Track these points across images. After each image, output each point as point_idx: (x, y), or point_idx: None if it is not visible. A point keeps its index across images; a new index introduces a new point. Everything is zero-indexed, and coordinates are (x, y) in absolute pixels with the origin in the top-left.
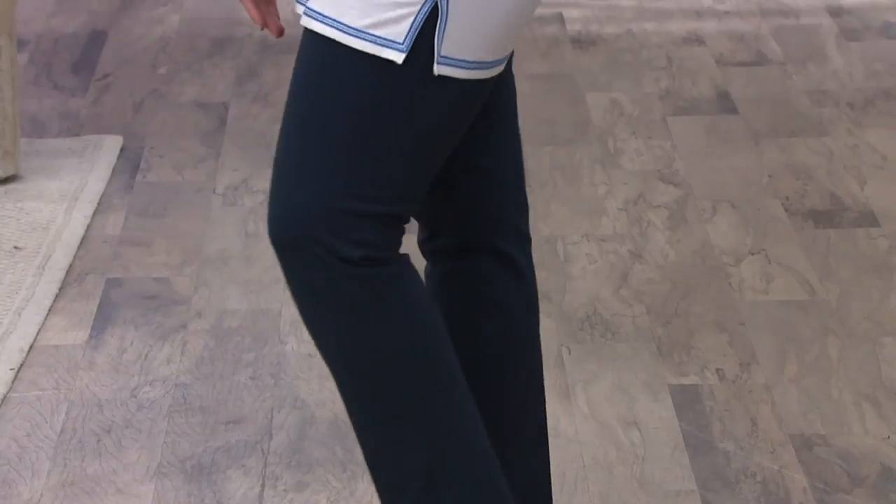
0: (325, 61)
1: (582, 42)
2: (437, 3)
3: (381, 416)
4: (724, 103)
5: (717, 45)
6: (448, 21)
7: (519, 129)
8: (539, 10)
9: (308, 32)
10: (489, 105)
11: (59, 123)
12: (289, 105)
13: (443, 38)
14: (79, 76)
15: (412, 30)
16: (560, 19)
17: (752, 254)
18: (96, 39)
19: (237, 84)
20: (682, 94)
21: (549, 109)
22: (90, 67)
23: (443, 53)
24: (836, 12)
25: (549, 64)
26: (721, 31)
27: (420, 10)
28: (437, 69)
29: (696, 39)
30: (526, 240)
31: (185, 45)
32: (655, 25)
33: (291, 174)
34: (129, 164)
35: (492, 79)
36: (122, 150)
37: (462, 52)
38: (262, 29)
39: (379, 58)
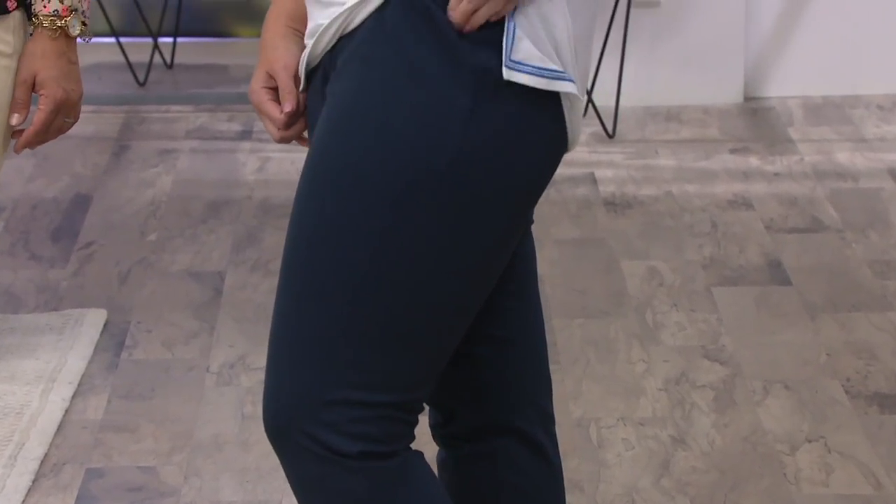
0: (325, 220)
1: (616, 205)
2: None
3: None
4: (776, 273)
5: (766, 209)
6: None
7: (540, 298)
8: (569, 171)
9: (303, 204)
10: (508, 271)
11: (37, 297)
12: (282, 276)
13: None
14: (59, 245)
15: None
16: (592, 179)
17: (810, 441)
18: (79, 204)
19: (234, 251)
20: (729, 262)
21: (580, 278)
22: (72, 235)
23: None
24: None
25: (581, 228)
26: (771, 194)
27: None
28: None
29: (744, 203)
30: (550, 420)
31: (177, 209)
32: (698, 187)
33: (283, 356)
34: (113, 340)
35: (518, 233)
36: (105, 325)
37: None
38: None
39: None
